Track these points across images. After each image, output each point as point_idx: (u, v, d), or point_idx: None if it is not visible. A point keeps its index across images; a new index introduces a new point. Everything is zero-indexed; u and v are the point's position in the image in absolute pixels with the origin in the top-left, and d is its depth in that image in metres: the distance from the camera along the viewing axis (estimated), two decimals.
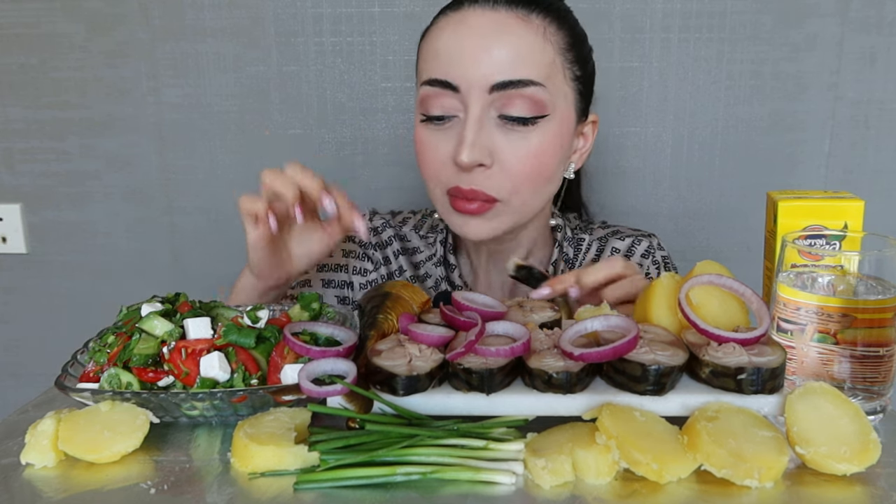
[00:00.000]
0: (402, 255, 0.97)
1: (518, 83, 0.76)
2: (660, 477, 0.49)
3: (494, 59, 0.76)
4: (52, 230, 1.38)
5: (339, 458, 0.50)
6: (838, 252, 0.63)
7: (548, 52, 0.79)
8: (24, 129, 1.34)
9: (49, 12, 1.28)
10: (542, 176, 0.81)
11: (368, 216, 0.99)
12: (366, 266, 0.97)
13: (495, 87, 0.76)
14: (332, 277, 0.97)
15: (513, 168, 0.79)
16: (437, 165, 0.81)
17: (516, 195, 0.81)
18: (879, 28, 1.18)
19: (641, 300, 0.67)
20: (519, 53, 0.77)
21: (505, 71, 0.76)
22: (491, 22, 0.77)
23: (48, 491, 0.50)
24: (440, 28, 0.80)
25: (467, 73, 0.77)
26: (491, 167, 0.79)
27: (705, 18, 1.20)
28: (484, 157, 0.78)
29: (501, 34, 0.77)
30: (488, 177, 0.79)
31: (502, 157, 0.79)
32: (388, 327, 0.63)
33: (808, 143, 1.24)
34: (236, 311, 0.67)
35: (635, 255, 0.95)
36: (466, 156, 0.77)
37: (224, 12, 1.26)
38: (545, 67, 0.78)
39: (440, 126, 0.81)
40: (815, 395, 0.52)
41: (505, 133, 0.79)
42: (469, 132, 0.77)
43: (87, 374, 0.62)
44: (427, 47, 0.82)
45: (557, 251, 0.94)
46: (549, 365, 0.55)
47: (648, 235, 0.98)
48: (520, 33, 0.77)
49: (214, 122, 1.30)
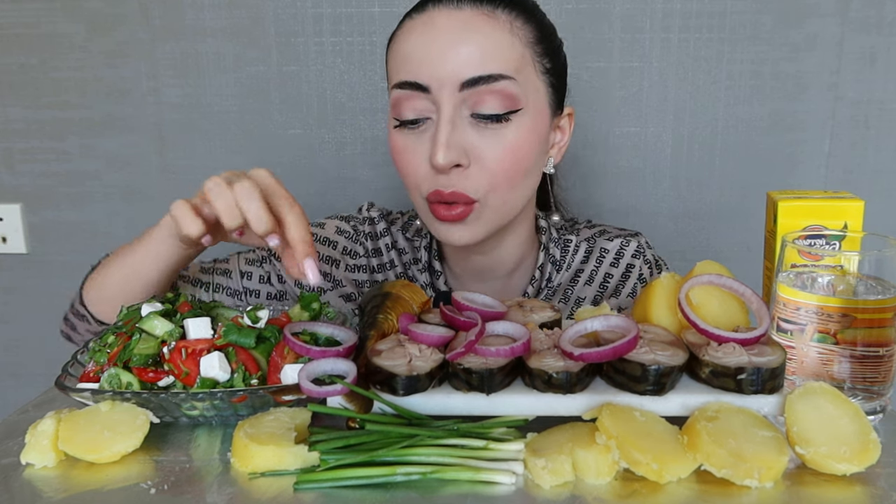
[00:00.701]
0: (394, 249, 0.97)
1: (488, 78, 0.76)
2: (660, 477, 0.49)
3: (462, 56, 0.76)
4: (52, 230, 1.38)
5: (339, 458, 0.50)
6: (838, 252, 0.63)
7: (516, 47, 0.78)
8: (24, 129, 1.34)
9: (49, 12, 1.28)
10: (520, 172, 0.80)
11: (366, 207, 0.98)
12: (356, 249, 0.96)
13: (465, 83, 0.76)
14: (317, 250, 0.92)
15: (490, 166, 0.78)
16: (414, 170, 0.80)
17: (494, 193, 0.79)
18: (879, 28, 1.18)
19: (641, 300, 0.67)
20: (487, 49, 0.76)
21: (474, 67, 0.76)
22: (457, 21, 0.77)
23: (48, 491, 0.50)
24: (407, 31, 0.80)
25: (436, 73, 0.76)
26: (468, 167, 0.78)
27: (705, 18, 1.20)
28: (460, 157, 0.77)
29: (468, 32, 0.77)
30: (466, 177, 0.78)
31: (479, 156, 0.78)
32: (388, 327, 0.63)
33: (808, 143, 1.24)
34: (236, 311, 0.67)
35: (625, 255, 0.94)
36: (442, 156, 0.76)
37: (224, 12, 1.26)
38: (514, 61, 0.78)
39: (414, 130, 0.80)
40: (815, 395, 0.52)
41: (479, 131, 0.78)
42: (442, 133, 0.76)
43: (87, 374, 0.62)
44: (395, 51, 0.81)
45: (543, 254, 0.93)
46: (549, 365, 0.55)
47: (635, 234, 0.97)
48: (486, 30, 0.77)
49: (214, 122, 1.30)
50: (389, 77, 0.83)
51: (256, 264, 0.95)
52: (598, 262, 0.95)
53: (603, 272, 0.94)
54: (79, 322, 0.84)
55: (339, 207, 1.31)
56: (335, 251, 0.96)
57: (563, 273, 0.94)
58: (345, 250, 0.96)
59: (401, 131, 0.81)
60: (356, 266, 0.96)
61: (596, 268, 0.94)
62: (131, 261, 0.78)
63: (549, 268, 0.94)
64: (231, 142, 1.31)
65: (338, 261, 0.95)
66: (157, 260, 0.77)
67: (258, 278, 0.94)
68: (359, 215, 0.98)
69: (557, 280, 0.94)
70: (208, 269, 0.93)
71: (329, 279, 0.95)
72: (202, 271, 0.93)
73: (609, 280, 0.94)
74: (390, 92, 0.82)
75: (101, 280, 0.81)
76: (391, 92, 0.81)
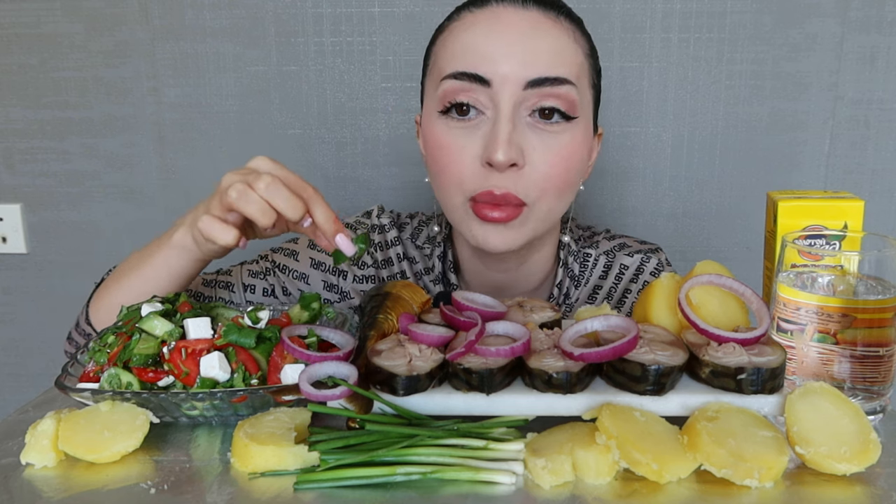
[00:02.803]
0: (405, 259, 0.94)
1: (554, 80, 0.75)
2: (660, 477, 0.49)
3: (531, 55, 0.74)
4: (52, 230, 1.38)
5: (339, 458, 0.50)
6: (838, 252, 0.63)
7: (578, 55, 0.78)
8: (24, 129, 1.34)
9: (49, 12, 1.28)
10: (568, 181, 0.78)
11: (377, 213, 0.95)
12: (364, 259, 0.93)
13: (531, 83, 0.74)
14: (323, 259, 0.92)
15: (542, 170, 0.76)
16: (462, 168, 0.76)
17: (543, 200, 0.77)
18: (879, 28, 1.18)
19: (641, 300, 0.67)
20: (555, 51, 0.75)
21: (541, 68, 0.74)
22: (525, 20, 0.76)
23: (48, 491, 0.50)
24: (467, 24, 0.78)
25: (501, 68, 0.74)
26: (523, 168, 0.75)
27: (705, 18, 1.20)
28: (518, 157, 0.74)
29: (537, 32, 0.75)
30: (520, 178, 0.75)
31: (533, 158, 0.76)
32: (388, 327, 0.63)
33: (808, 143, 1.24)
34: (236, 311, 0.67)
35: (644, 272, 0.92)
36: (503, 153, 0.73)
37: (224, 12, 1.26)
38: (577, 68, 0.77)
39: (464, 124, 0.76)
40: (815, 395, 0.52)
41: (536, 133, 0.76)
42: (504, 129, 0.74)
43: (87, 374, 0.62)
44: (450, 42, 0.78)
45: (562, 271, 0.91)
46: (549, 365, 0.55)
47: (656, 250, 0.95)
48: (554, 33, 0.76)
49: (214, 122, 1.30)
50: (438, 69, 0.79)
51: (260, 276, 0.92)
52: (618, 278, 0.92)
53: (622, 288, 0.92)
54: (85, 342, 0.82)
55: (339, 208, 1.31)
56: None
57: (583, 288, 0.93)
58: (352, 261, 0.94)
59: (447, 123, 0.77)
60: (364, 277, 0.93)
61: (615, 284, 0.92)
62: (142, 281, 0.76)
63: (567, 283, 0.92)
64: (231, 142, 1.31)
65: (345, 272, 0.92)
66: (170, 276, 0.75)
67: (262, 291, 0.91)
68: (367, 221, 0.95)
69: (575, 296, 0.92)
70: (210, 282, 0.91)
71: (336, 290, 0.92)
72: (205, 284, 0.90)
73: (627, 296, 0.92)
74: (439, 83, 0.78)
75: (111, 300, 0.78)
76: (441, 83, 0.77)
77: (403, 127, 1.28)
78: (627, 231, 1.27)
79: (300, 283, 0.92)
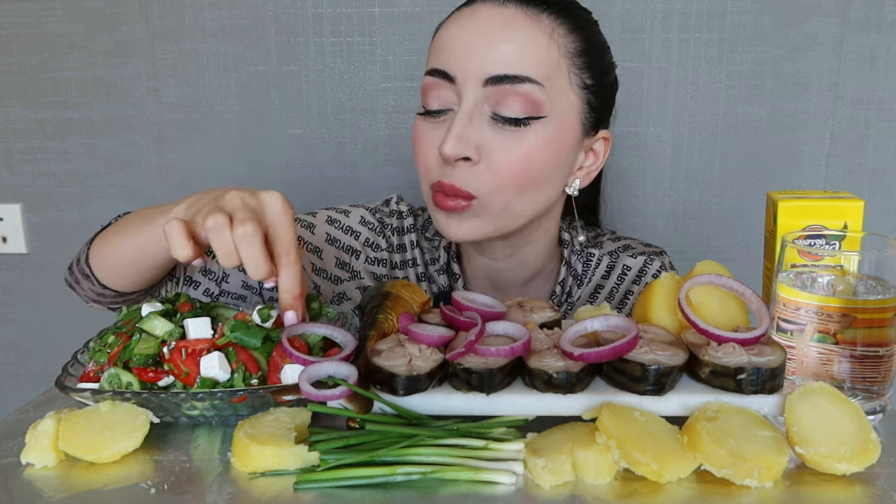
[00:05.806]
0: (418, 247, 0.95)
1: (514, 78, 0.75)
2: (660, 477, 0.49)
3: (494, 52, 0.75)
4: (52, 230, 1.38)
5: (339, 458, 0.50)
6: (838, 252, 0.63)
7: (552, 53, 0.77)
8: (24, 129, 1.34)
9: (49, 12, 1.28)
10: (530, 180, 0.78)
11: (396, 200, 0.97)
12: (379, 242, 0.94)
13: (490, 80, 0.75)
14: (338, 237, 0.93)
15: (499, 167, 0.77)
16: (427, 159, 0.80)
17: (497, 195, 0.78)
18: (879, 28, 1.18)
19: (641, 300, 0.67)
20: (520, 49, 0.76)
21: (502, 65, 0.75)
22: (498, 17, 0.77)
23: (48, 491, 0.50)
24: (450, 21, 0.80)
25: (464, 64, 0.76)
26: (477, 163, 0.77)
27: (705, 18, 1.20)
28: (469, 151, 0.76)
29: (506, 29, 0.76)
30: (473, 173, 0.77)
31: (490, 155, 0.77)
32: (388, 327, 0.63)
33: (808, 143, 1.24)
34: (237, 311, 0.67)
35: (647, 275, 0.93)
36: (449, 147, 0.75)
37: (224, 12, 1.26)
38: (546, 67, 0.77)
39: (436, 120, 0.79)
40: (815, 395, 0.52)
41: (497, 131, 0.77)
42: (457, 124, 0.76)
43: (87, 374, 0.62)
44: (435, 39, 0.81)
45: (565, 269, 0.91)
46: (549, 365, 0.55)
47: (660, 253, 0.95)
48: (526, 31, 0.76)
49: (214, 122, 1.30)
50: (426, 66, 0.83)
51: None
52: (620, 279, 0.93)
53: (624, 289, 0.93)
54: (83, 280, 0.83)
55: None
56: (357, 241, 0.93)
57: (584, 287, 0.93)
58: (367, 241, 0.94)
59: (424, 119, 0.81)
60: (377, 259, 0.94)
61: (617, 285, 0.93)
62: (141, 240, 0.75)
63: (570, 281, 0.92)
64: (231, 142, 1.31)
65: (358, 251, 0.93)
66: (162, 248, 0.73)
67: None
68: (385, 208, 0.97)
69: (578, 294, 0.93)
70: None
71: (347, 269, 0.93)
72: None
73: (629, 297, 0.92)
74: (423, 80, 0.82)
75: (110, 251, 0.78)
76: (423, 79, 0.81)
77: (403, 127, 1.28)
78: (627, 231, 1.27)
79: (313, 256, 0.92)
